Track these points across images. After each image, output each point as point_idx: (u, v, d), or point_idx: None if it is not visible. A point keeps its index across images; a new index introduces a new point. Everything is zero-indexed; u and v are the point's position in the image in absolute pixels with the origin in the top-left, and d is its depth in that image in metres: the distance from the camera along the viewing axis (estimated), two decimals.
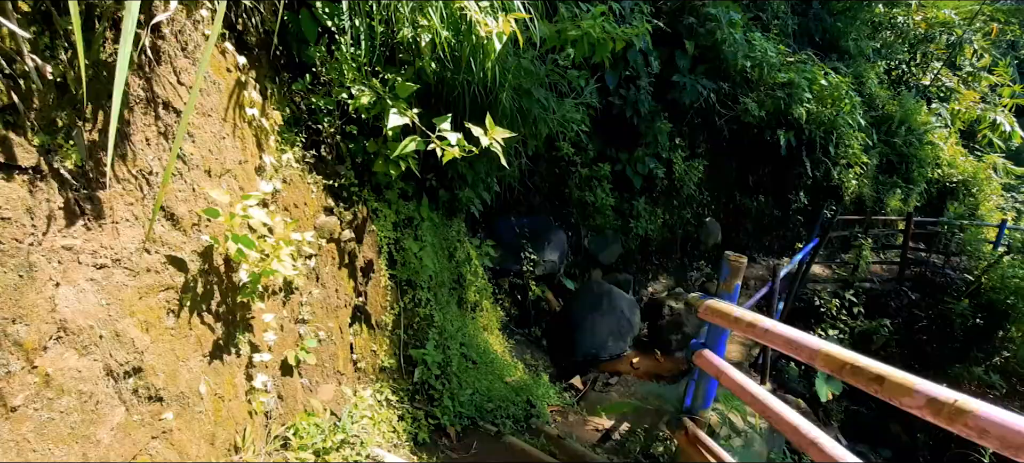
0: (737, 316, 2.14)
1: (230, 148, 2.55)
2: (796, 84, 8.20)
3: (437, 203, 4.89)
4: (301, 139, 3.10)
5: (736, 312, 2.19)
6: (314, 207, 3.10)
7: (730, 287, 2.51)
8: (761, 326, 1.96)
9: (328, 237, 3.11)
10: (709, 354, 2.43)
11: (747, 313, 2.10)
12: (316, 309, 2.97)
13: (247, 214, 2.12)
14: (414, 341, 3.86)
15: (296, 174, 3.00)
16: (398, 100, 3.24)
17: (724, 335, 2.61)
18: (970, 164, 11.55)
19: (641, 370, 6.75)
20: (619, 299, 7.46)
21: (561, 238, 7.94)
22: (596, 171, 7.96)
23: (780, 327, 1.87)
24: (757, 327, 1.98)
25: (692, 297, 2.69)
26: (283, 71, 3.12)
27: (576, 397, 5.95)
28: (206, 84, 2.47)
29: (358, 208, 3.52)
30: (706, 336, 2.71)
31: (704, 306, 2.43)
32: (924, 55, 13.73)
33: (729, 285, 2.50)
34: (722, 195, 9.76)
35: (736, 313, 2.17)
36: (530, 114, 4.05)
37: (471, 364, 4.66)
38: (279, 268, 2.26)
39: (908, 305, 7.94)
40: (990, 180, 11.73)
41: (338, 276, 3.21)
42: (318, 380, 2.92)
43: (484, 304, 5.81)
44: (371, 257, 3.57)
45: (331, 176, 3.34)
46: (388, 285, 3.72)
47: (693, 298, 2.66)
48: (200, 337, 2.24)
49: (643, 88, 7.62)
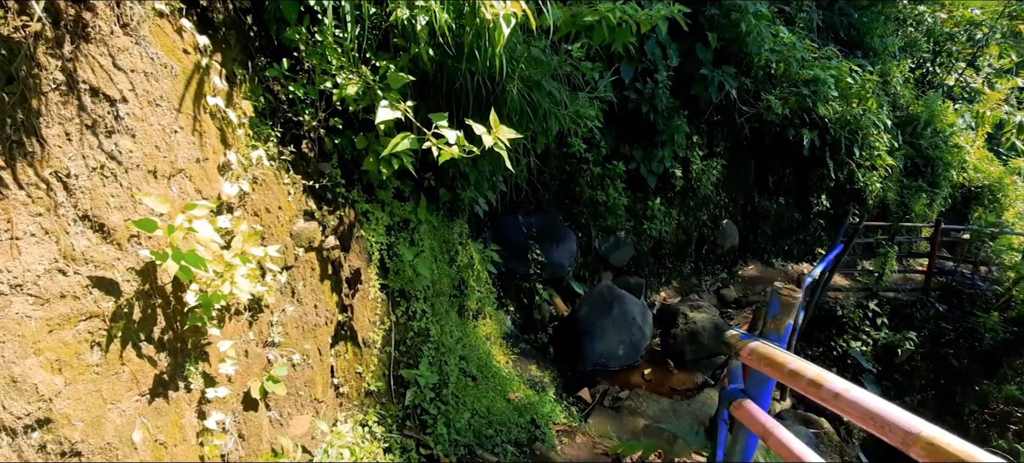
0: (793, 368, 1.70)
1: (184, 144, 2.16)
2: (822, 81, 7.71)
3: (437, 203, 4.49)
4: (277, 133, 2.70)
5: (792, 363, 1.75)
6: (291, 211, 2.71)
7: (780, 326, 2.07)
8: (830, 388, 1.53)
9: (306, 245, 2.72)
10: (752, 408, 1.96)
11: (808, 366, 1.66)
12: (290, 329, 2.58)
13: (191, 226, 1.73)
14: (407, 359, 3.47)
15: (270, 173, 2.61)
16: (390, 91, 2.84)
17: (770, 384, 2.18)
18: (996, 168, 11.00)
19: (653, 383, 6.35)
20: (631, 305, 7.04)
21: (570, 239, 7.53)
22: (609, 169, 7.53)
23: (858, 393, 1.45)
24: (824, 388, 1.55)
25: (731, 335, 2.27)
26: (258, 55, 2.72)
27: (584, 412, 5.55)
28: (154, 67, 2.07)
29: (345, 211, 3.13)
30: (747, 382, 2.26)
31: (747, 349, 1.99)
32: (948, 54, 13.16)
33: (779, 324, 2.07)
34: (739, 196, 9.30)
35: (792, 364, 1.73)
36: (540, 109, 3.64)
37: (471, 380, 4.28)
38: (234, 290, 1.87)
39: (934, 317, 7.47)
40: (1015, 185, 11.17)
41: (319, 289, 2.82)
42: (290, 412, 2.54)
43: (487, 311, 5.43)
44: (359, 266, 3.18)
45: (313, 175, 2.94)
46: (378, 297, 3.33)
47: (732, 337, 2.24)
48: (136, 373, 1.86)
49: (661, 82, 7.17)
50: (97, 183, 1.77)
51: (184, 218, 1.74)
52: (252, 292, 2.24)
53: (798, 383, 1.66)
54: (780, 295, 2.05)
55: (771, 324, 2.09)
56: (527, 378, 5.44)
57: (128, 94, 1.97)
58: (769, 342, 1.99)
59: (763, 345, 1.92)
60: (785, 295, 2.04)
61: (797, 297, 2.04)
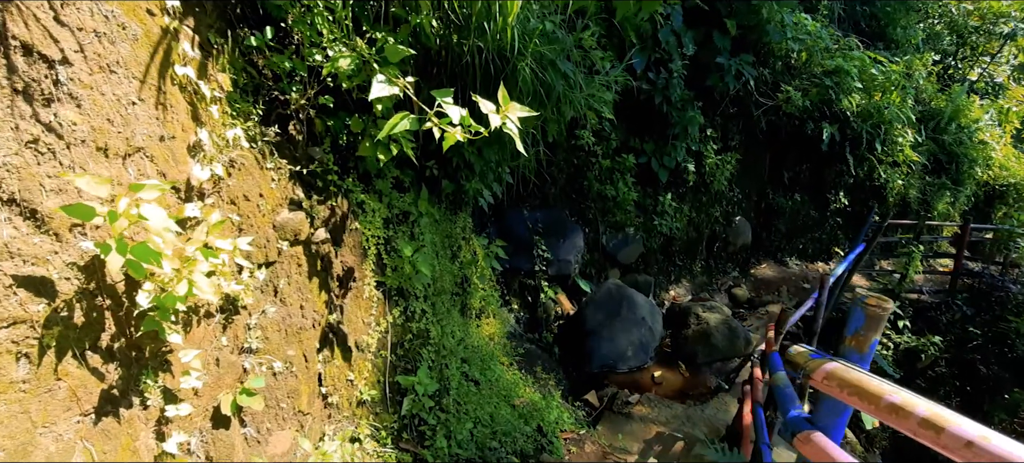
0: (894, 402, 1.29)
1: (145, 118, 1.85)
2: (846, 72, 7.34)
3: (439, 195, 4.18)
4: (259, 111, 2.39)
5: (892, 394, 1.36)
6: (275, 200, 2.41)
7: (864, 344, 1.73)
8: (957, 433, 1.15)
9: (292, 239, 2.42)
10: (827, 445, 1.55)
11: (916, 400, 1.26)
12: (271, 333, 2.28)
13: (140, 213, 1.42)
14: (404, 364, 3.18)
15: (250, 157, 2.30)
16: (388, 66, 2.53)
17: (846, 415, 1.83)
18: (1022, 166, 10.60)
19: (664, 387, 6.04)
20: (640, 304, 6.74)
21: (577, 235, 7.21)
22: (619, 163, 7.20)
23: (1003, 444, 1.09)
24: (946, 432, 1.18)
25: (797, 352, 1.93)
26: (239, 24, 2.41)
27: (591, 417, 5.26)
28: (109, 27, 1.77)
29: (337, 201, 2.82)
30: (817, 410, 1.89)
31: (823, 372, 1.63)
32: (972, 48, 12.72)
33: (862, 341, 1.73)
34: (753, 192, 8.95)
35: (892, 396, 1.32)
36: (554, 91, 3.32)
37: (473, 385, 3.98)
38: (195, 291, 1.57)
39: (961, 320, 7.13)
40: None
41: (305, 288, 2.52)
42: (270, 427, 2.24)
43: (490, 309, 5.13)
44: (352, 262, 2.87)
45: (301, 160, 2.64)
46: (374, 296, 3.03)
47: (799, 353, 1.90)
48: (76, 389, 1.56)
49: (676, 72, 6.82)
50: (29, 161, 1.46)
51: (129, 202, 1.43)
52: (221, 292, 1.94)
53: (904, 423, 1.28)
54: (866, 306, 1.72)
55: (851, 341, 1.76)
56: (532, 380, 5.14)
57: (73, 56, 1.67)
58: (849, 363, 1.66)
59: (844, 368, 1.58)
60: (872, 307, 1.70)
61: (887, 308, 1.71)
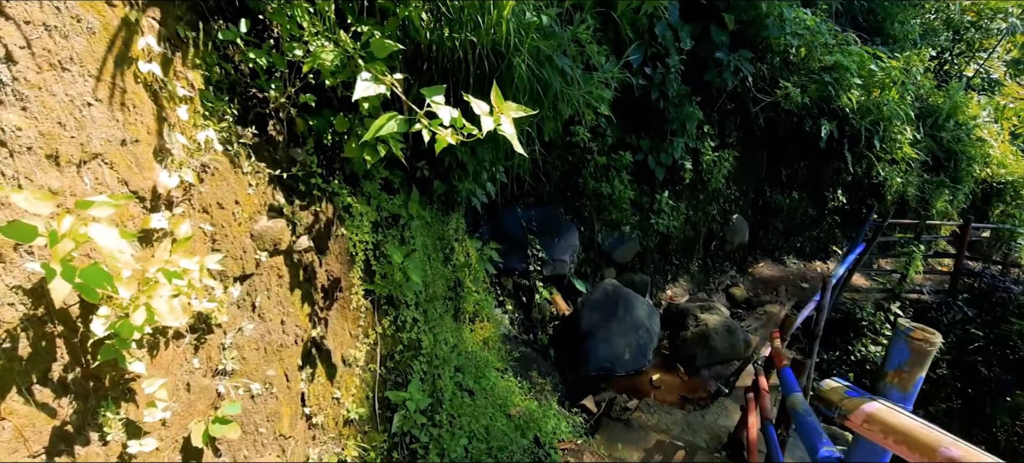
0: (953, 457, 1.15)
1: (103, 121, 1.67)
2: (844, 68, 7.22)
3: (431, 196, 4.01)
4: (234, 111, 2.22)
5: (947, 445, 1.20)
6: (252, 206, 2.23)
7: (908, 382, 1.54)
8: None
9: (271, 249, 2.24)
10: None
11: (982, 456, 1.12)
12: (248, 352, 2.11)
13: (86, 232, 1.25)
14: (395, 377, 3.01)
15: (224, 160, 2.12)
16: (374, 62, 2.35)
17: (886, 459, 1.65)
18: (1020, 164, 10.55)
19: (663, 391, 5.92)
20: (637, 305, 6.61)
21: (572, 233, 7.07)
22: (615, 160, 7.05)
23: None
24: None
25: (830, 387, 1.76)
26: (212, 16, 2.23)
27: (589, 423, 5.12)
28: (61, 20, 1.59)
29: (321, 206, 2.65)
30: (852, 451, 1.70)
31: (864, 414, 1.45)
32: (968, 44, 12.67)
33: (905, 379, 1.54)
34: (750, 190, 8.83)
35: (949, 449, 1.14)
36: (551, 88, 3.15)
37: (467, 395, 3.83)
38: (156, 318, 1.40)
39: (962, 321, 7.06)
40: None
41: (287, 301, 2.35)
42: (248, 454, 2.08)
43: (484, 313, 4.97)
44: (338, 271, 2.70)
45: (282, 163, 2.46)
46: (362, 306, 2.86)
47: (832, 389, 1.73)
48: (23, 428, 1.38)
49: (672, 67, 6.67)
50: None
51: (75, 220, 1.26)
52: (191, 312, 1.77)
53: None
54: (910, 339, 1.53)
55: (892, 377, 1.57)
56: (528, 386, 5.00)
57: (19, 52, 1.49)
58: (891, 404, 1.50)
59: (887, 410, 1.41)
60: (918, 340, 1.52)
61: (935, 343, 1.53)
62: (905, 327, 1.57)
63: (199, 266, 1.64)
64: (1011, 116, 11.10)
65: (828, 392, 1.71)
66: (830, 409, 1.66)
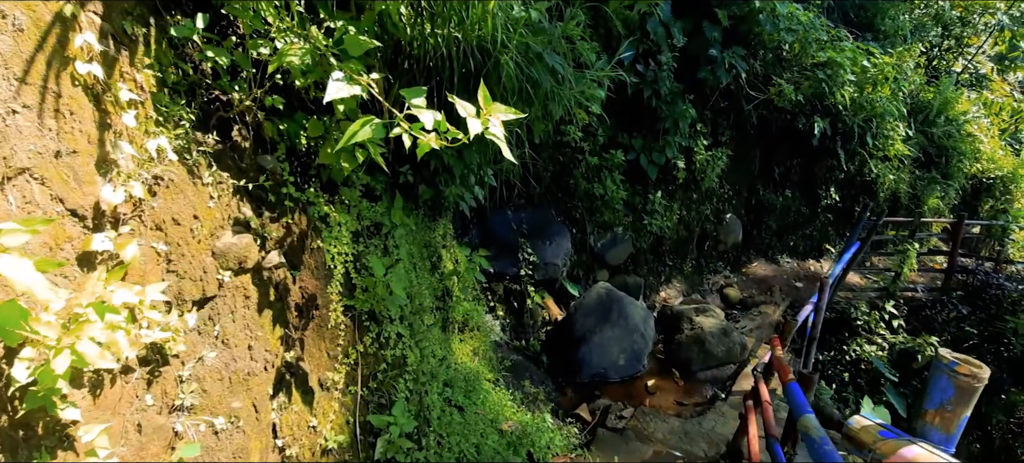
0: None
1: (29, 131, 1.46)
2: (837, 64, 7.11)
3: (416, 202, 3.82)
4: (191, 116, 2.00)
5: None
6: (214, 221, 2.02)
7: (951, 423, 1.42)
8: None
9: (236, 267, 2.04)
10: None
11: None
12: (210, 384, 1.91)
13: None
14: (378, 398, 2.82)
15: (181, 171, 1.91)
16: (348, 60, 2.15)
17: None
18: (1010, 159, 10.54)
19: (658, 397, 5.77)
20: (631, 308, 6.45)
21: (564, 236, 6.90)
22: (607, 160, 6.90)
23: None
24: None
25: (861, 426, 1.61)
26: (168, 10, 2.01)
27: (584, 433, 4.95)
28: None
29: (294, 218, 2.45)
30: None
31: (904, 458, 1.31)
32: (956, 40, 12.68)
33: (948, 419, 1.41)
34: (743, 189, 8.72)
35: None
36: (541, 88, 2.97)
37: (456, 411, 3.63)
38: (84, 362, 1.20)
39: (957, 319, 6.98)
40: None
41: (255, 324, 2.14)
42: None
43: (475, 322, 4.78)
44: (314, 287, 2.50)
45: (249, 172, 2.25)
46: (341, 323, 2.66)
47: (863, 428, 1.59)
48: None
49: (665, 64, 6.52)
50: None
51: None
52: (140, 344, 1.56)
53: None
54: (954, 374, 1.41)
55: (934, 416, 1.45)
56: (520, 396, 4.81)
57: None
58: (932, 446, 1.35)
59: (929, 454, 1.26)
60: (965, 376, 1.39)
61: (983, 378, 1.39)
62: (948, 360, 1.43)
63: (139, 300, 1.44)
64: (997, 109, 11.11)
65: (859, 432, 1.57)
66: (861, 450, 1.50)
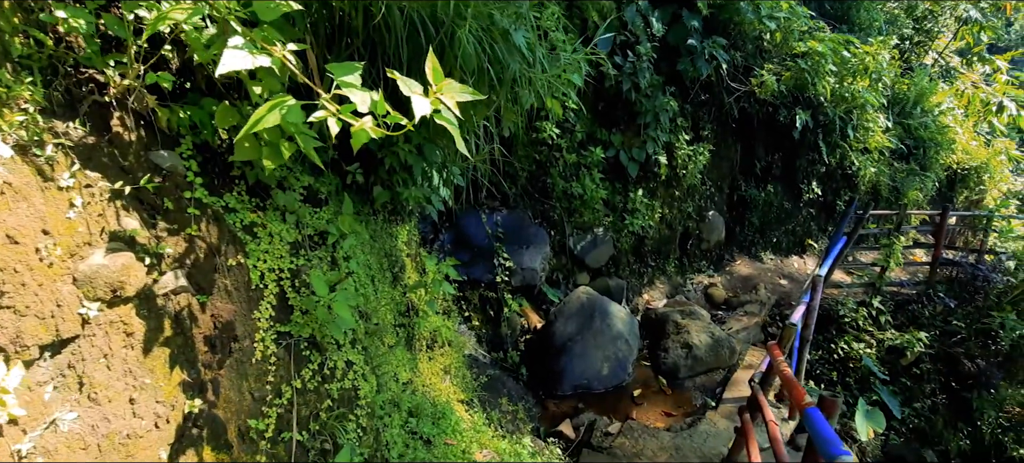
0: None
1: None
2: (820, 54, 6.87)
3: (371, 204, 3.35)
4: (51, 98, 1.52)
5: None
6: (77, 237, 1.53)
7: None
8: None
9: (109, 296, 1.55)
10: None
11: None
12: (68, 456, 1.42)
13: None
14: (319, 443, 2.34)
15: (24, 171, 1.42)
16: (258, 26, 1.69)
17: None
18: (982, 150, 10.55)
19: (645, 408, 5.40)
20: (614, 314, 6.07)
21: (542, 239, 6.49)
22: (585, 157, 6.52)
23: None
24: None
25: None
26: None
27: (567, 453, 4.54)
28: None
29: (203, 228, 1.96)
30: None
31: None
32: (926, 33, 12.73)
33: None
34: (725, 184, 8.45)
35: None
36: (508, 70, 2.54)
37: (423, 443, 3.18)
38: None
39: (943, 313, 6.80)
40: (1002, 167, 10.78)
41: (140, 369, 1.65)
42: None
43: (445, 337, 4.32)
44: (231, 313, 2.02)
45: (137, 170, 1.76)
46: (271, 355, 2.18)
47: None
48: None
49: (644, 55, 6.17)
50: None
51: None
52: None
53: None
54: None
55: None
56: (497, 417, 4.38)
57: None
58: None
59: None
60: None
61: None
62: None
63: None
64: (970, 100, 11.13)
65: None
66: None
